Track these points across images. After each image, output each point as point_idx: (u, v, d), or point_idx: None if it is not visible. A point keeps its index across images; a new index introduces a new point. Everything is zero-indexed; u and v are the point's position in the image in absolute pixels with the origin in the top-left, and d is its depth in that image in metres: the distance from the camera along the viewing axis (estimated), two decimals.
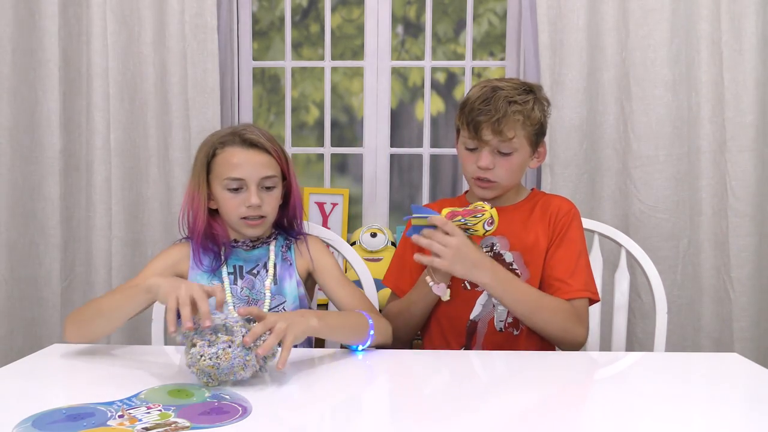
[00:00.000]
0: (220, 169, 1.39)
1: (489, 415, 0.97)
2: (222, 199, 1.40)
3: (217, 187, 1.40)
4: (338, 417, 0.99)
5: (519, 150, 1.41)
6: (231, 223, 1.42)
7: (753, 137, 1.96)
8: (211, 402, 0.97)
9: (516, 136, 1.39)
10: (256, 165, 1.38)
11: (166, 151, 2.05)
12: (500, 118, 1.36)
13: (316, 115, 2.44)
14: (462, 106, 1.44)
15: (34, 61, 2.03)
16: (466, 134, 1.42)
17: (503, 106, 1.37)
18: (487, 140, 1.38)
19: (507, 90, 1.40)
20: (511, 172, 1.43)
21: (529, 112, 1.39)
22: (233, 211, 1.39)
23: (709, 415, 0.98)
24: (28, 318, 2.06)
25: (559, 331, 1.38)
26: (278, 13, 2.39)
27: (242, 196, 1.38)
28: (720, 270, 2.00)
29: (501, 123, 1.36)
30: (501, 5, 2.35)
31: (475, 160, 1.42)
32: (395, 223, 2.31)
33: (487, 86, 1.42)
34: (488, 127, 1.37)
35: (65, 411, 0.91)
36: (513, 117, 1.37)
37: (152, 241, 2.06)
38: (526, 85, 1.44)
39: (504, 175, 1.42)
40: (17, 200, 2.04)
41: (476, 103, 1.39)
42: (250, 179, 1.37)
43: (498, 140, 1.38)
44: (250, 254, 1.44)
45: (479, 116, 1.38)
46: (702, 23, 1.96)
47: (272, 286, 1.42)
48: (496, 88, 1.40)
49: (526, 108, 1.39)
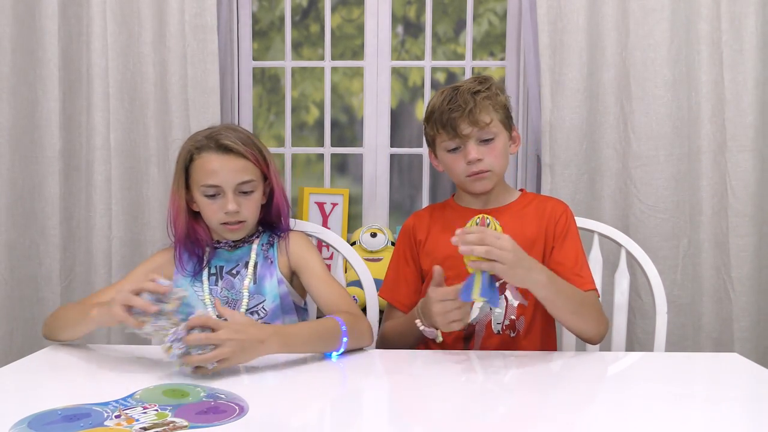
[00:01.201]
0: (197, 175, 1.41)
1: (489, 415, 0.97)
2: (201, 204, 1.42)
3: (196, 192, 1.42)
4: (336, 416, 0.98)
5: (498, 135, 1.45)
6: (212, 227, 1.45)
7: (753, 137, 1.96)
8: (207, 401, 0.97)
9: (492, 120, 1.43)
10: (232, 171, 1.38)
11: (166, 151, 2.05)
12: (472, 108, 1.41)
13: (316, 115, 2.44)
14: (428, 116, 1.49)
15: (34, 61, 2.03)
16: (444, 137, 1.45)
17: (469, 98, 1.42)
18: (467, 133, 1.42)
19: (466, 85, 1.46)
20: (500, 157, 1.46)
21: (494, 97, 1.45)
22: (212, 216, 1.41)
23: (709, 415, 0.97)
24: (28, 318, 2.06)
25: (595, 323, 1.38)
26: (278, 13, 2.39)
27: (220, 202, 1.39)
28: (720, 270, 2.00)
29: (474, 113, 1.41)
30: (501, 5, 2.34)
31: (463, 158, 1.44)
32: (395, 223, 2.31)
33: (445, 90, 1.48)
34: (464, 120, 1.41)
35: (60, 412, 0.91)
36: (482, 104, 1.42)
37: (152, 241, 2.05)
38: (480, 77, 1.49)
39: (494, 162, 1.45)
40: (17, 200, 2.04)
41: (444, 105, 1.44)
42: (227, 185, 1.38)
43: (477, 130, 1.42)
44: (232, 254, 1.46)
45: (452, 114, 1.42)
46: (702, 23, 1.96)
47: (251, 285, 1.42)
48: (455, 88, 1.46)
49: (490, 93, 1.44)
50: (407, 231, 1.57)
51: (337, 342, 1.26)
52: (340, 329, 1.26)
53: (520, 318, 1.44)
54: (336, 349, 1.26)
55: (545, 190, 2.00)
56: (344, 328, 1.26)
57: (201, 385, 1.04)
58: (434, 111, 1.47)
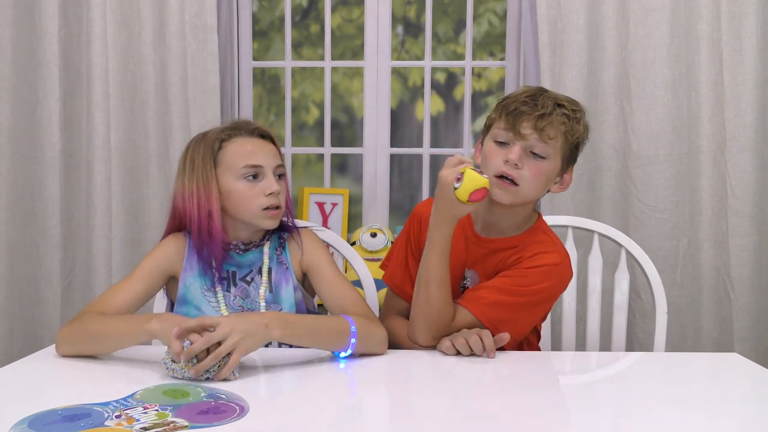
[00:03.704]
0: (232, 159, 1.31)
1: (489, 415, 0.97)
2: (237, 191, 1.30)
3: (230, 179, 1.30)
4: (336, 416, 0.98)
5: (551, 158, 1.29)
6: (248, 216, 1.32)
7: (753, 137, 1.96)
8: (207, 401, 0.96)
9: (554, 140, 1.27)
10: (269, 153, 1.33)
11: (166, 151, 2.05)
12: (544, 115, 1.26)
13: (316, 115, 2.44)
14: (502, 100, 1.34)
15: (34, 61, 2.03)
16: (501, 126, 1.30)
17: (550, 105, 1.28)
18: (525, 134, 1.27)
19: (556, 94, 1.32)
20: (537, 179, 1.29)
21: (573, 123, 1.29)
22: (253, 201, 1.30)
23: (709, 415, 0.97)
24: (28, 318, 2.06)
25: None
26: (278, 13, 2.39)
27: (261, 185, 1.30)
28: (720, 270, 2.00)
29: (544, 119, 1.26)
30: (501, 5, 2.34)
31: (504, 155, 1.28)
32: (395, 223, 2.31)
33: (533, 87, 1.34)
34: (529, 120, 1.26)
35: (61, 412, 0.91)
36: (557, 119, 1.27)
37: (152, 241, 2.05)
38: (575, 101, 1.35)
39: (529, 179, 1.28)
40: (17, 200, 2.04)
41: (521, 96, 1.30)
42: (267, 166, 1.31)
43: (535, 138, 1.27)
44: (244, 258, 1.36)
45: (522, 107, 1.27)
46: (702, 23, 1.96)
47: (267, 294, 1.34)
48: (544, 90, 1.34)
49: (572, 116, 1.29)
50: (417, 216, 1.46)
51: (343, 342, 1.21)
52: (350, 330, 1.21)
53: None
54: (342, 349, 1.22)
55: None
56: (354, 329, 1.21)
57: (201, 385, 1.04)
58: (509, 98, 1.32)
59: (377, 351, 1.26)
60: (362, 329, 1.23)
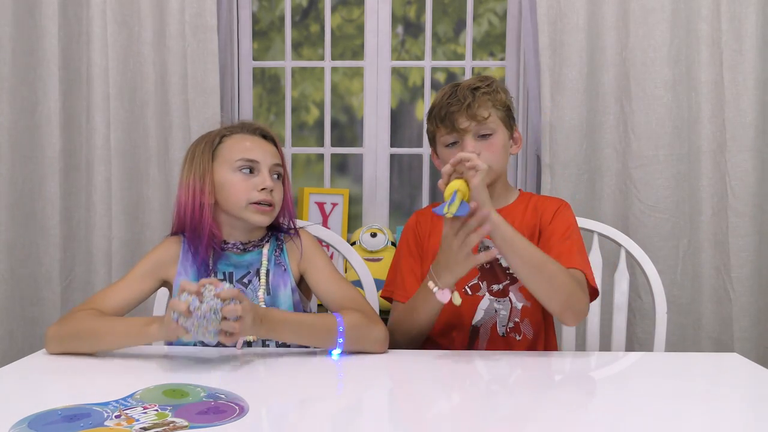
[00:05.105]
0: (229, 153, 1.33)
1: (489, 415, 0.97)
2: (230, 183, 1.31)
3: (225, 171, 1.32)
4: (336, 416, 0.98)
5: (497, 131, 1.44)
6: (236, 210, 1.32)
7: (753, 137, 1.96)
8: (207, 401, 0.96)
9: (491, 116, 1.42)
10: (267, 152, 1.35)
11: (166, 151, 2.05)
12: (470, 103, 1.41)
13: (316, 115, 2.44)
14: (430, 113, 1.49)
15: (34, 61, 2.03)
16: (443, 132, 1.44)
17: (469, 93, 1.42)
18: (465, 127, 1.41)
19: (466, 82, 1.46)
20: (497, 153, 1.44)
21: (494, 94, 1.44)
22: (243, 194, 1.31)
23: (709, 415, 0.97)
24: (28, 318, 2.06)
25: (564, 295, 1.28)
26: (278, 13, 2.39)
27: (254, 180, 1.32)
28: (720, 270, 2.00)
29: (472, 107, 1.41)
30: (501, 5, 2.34)
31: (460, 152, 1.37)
32: (395, 223, 2.31)
33: (446, 87, 1.48)
34: (462, 114, 1.41)
35: (60, 412, 0.91)
36: (481, 99, 1.42)
37: (152, 241, 2.05)
38: (482, 76, 1.50)
39: (491, 158, 1.41)
40: (17, 200, 2.04)
41: (443, 100, 1.45)
42: (264, 162, 1.33)
43: (475, 124, 1.41)
44: (242, 259, 1.36)
45: (451, 108, 1.42)
46: (702, 23, 1.96)
47: (265, 297, 1.34)
48: (456, 84, 1.47)
49: (489, 90, 1.44)
50: (411, 228, 1.54)
51: (330, 342, 1.22)
52: (337, 330, 1.21)
53: (524, 320, 1.44)
54: (332, 347, 1.22)
55: (545, 190, 2.00)
56: (341, 329, 1.21)
57: (201, 385, 1.04)
58: (434, 107, 1.47)
59: (375, 349, 1.26)
60: (353, 326, 1.23)
